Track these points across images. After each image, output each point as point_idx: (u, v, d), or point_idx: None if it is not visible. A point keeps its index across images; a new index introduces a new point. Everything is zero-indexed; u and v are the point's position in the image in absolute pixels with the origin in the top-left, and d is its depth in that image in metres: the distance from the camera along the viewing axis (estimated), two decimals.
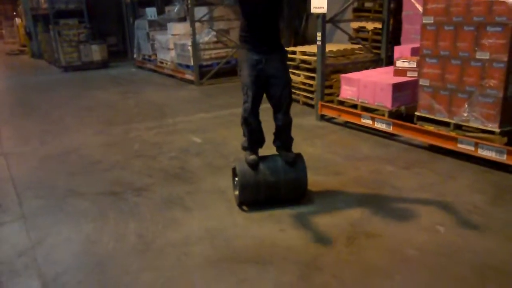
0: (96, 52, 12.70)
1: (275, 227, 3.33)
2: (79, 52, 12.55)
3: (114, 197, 3.97)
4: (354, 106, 5.66)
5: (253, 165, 3.56)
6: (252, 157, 3.60)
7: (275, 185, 3.57)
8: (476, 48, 4.21)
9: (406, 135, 4.96)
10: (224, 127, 5.99)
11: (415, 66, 5.22)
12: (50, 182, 4.39)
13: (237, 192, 3.69)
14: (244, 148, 3.74)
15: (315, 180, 4.03)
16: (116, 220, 3.53)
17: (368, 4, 7.71)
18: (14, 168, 4.83)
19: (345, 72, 6.21)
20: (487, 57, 4.13)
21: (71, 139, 5.80)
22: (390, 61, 6.58)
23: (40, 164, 4.91)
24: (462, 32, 4.30)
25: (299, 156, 3.70)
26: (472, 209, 3.46)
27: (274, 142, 3.78)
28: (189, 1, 9.00)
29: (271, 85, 3.51)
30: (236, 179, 3.67)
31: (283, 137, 3.72)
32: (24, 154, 5.28)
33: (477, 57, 4.21)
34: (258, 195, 3.59)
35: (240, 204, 3.68)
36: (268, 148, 3.78)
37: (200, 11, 9.48)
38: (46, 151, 5.35)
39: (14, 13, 23.99)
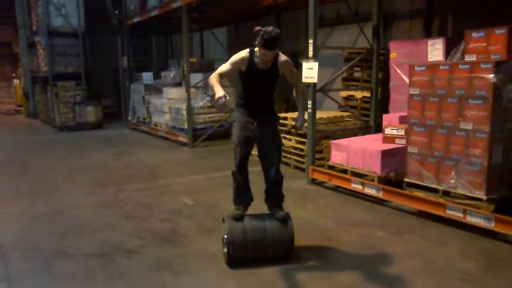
0: (91, 113, 12.94)
1: None
2: (74, 113, 12.80)
3: (103, 259, 3.90)
4: (344, 171, 5.77)
5: (238, 219, 3.68)
6: (238, 211, 3.74)
7: (263, 243, 3.64)
8: (460, 119, 4.41)
9: (395, 200, 5.02)
10: (216, 189, 6.02)
11: (403, 133, 5.41)
12: (38, 243, 4.32)
13: (225, 250, 3.68)
14: (235, 203, 3.85)
15: (307, 244, 4.04)
16: (104, 284, 3.46)
17: (357, 74, 8.08)
18: (2, 228, 4.76)
19: (335, 138, 6.39)
20: (471, 127, 4.32)
21: (62, 199, 5.77)
22: (378, 129, 6.80)
23: (29, 224, 4.84)
24: (446, 103, 4.53)
25: (287, 215, 3.79)
26: (464, 277, 3.46)
27: (266, 200, 3.89)
28: (185, 68, 9.37)
29: (262, 147, 3.74)
30: (225, 236, 3.69)
31: (274, 194, 3.83)
32: (14, 214, 5.22)
33: (461, 127, 4.40)
34: (246, 252, 3.63)
35: (229, 262, 3.65)
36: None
37: (196, 77, 9.85)
38: (36, 211, 5.30)
39: (13, 75, 24.61)
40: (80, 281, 3.50)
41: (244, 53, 3.60)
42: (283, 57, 3.65)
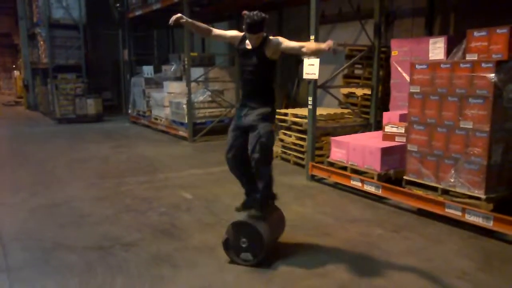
0: (91, 106, 12.95)
1: None
2: (74, 105, 12.80)
3: (102, 251, 3.92)
4: (344, 168, 5.78)
5: (259, 218, 3.67)
6: (257, 213, 3.68)
7: (276, 236, 3.85)
8: (460, 118, 4.42)
9: (395, 198, 5.04)
10: (215, 184, 6.04)
11: (403, 131, 5.41)
12: (38, 234, 4.33)
13: (250, 255, 3.63)
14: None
15: (305, 240, 4.06)
16: (103, 276, 3.47)
17: (358, 71, 8.08)
18: (2, 218, 4.77)
19: (335, 135, 6.38)
20: (471, 126, 4.33)
21: (62, 191, 5.78)
22: (378, 126, 6.80)
23: (29, 216, 4.85)
24: (447, 102, 4.53)
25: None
26: (461, 275, 3.48)
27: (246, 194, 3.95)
28: (186, 62, 9.36)
29: (248, 136, 3.69)
30: (244, 239, 3.61)
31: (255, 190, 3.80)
32: (14, 205, 5.24)
33: (461, 126, 4.41)
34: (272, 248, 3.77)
35: (256, 265, 3.63)
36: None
37: (196, 72, 9.84)
38: (36, 202, 5.31)
39: (14, 66, 24.58)
40: (79, 273, 3.51)
41: (240, 33, 3.80)
42: (272, 39, 3.65)
